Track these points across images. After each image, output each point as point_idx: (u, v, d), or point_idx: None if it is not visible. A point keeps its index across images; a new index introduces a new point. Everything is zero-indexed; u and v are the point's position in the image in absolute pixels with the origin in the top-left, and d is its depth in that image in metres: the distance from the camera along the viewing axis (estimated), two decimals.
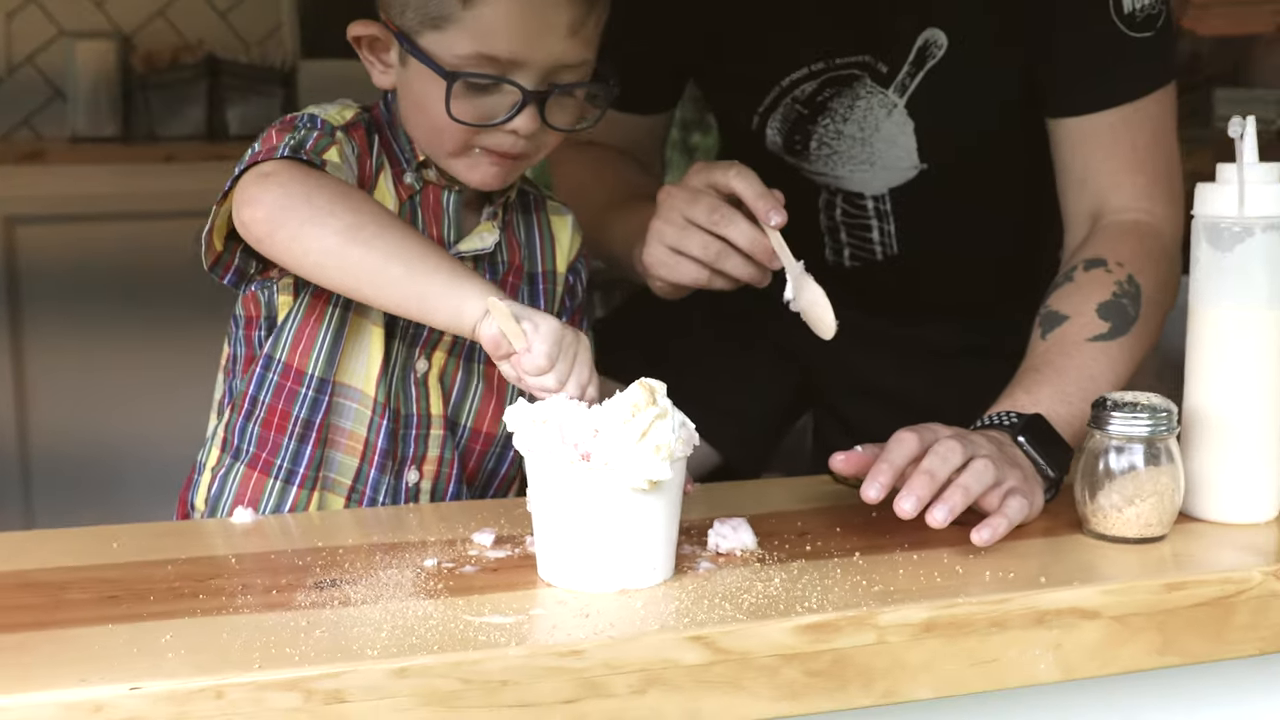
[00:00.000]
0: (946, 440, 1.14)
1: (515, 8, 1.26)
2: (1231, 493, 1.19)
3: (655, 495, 1.01)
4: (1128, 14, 1.44)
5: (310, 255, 1.19)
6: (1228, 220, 1.15)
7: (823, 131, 1.56)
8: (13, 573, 1.06)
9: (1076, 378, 1.32)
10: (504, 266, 1.43)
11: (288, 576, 1.06)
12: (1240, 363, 1.17)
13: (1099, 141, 1.47)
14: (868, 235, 1.63)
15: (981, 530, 1.11)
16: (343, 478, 1.36)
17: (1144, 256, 1.41)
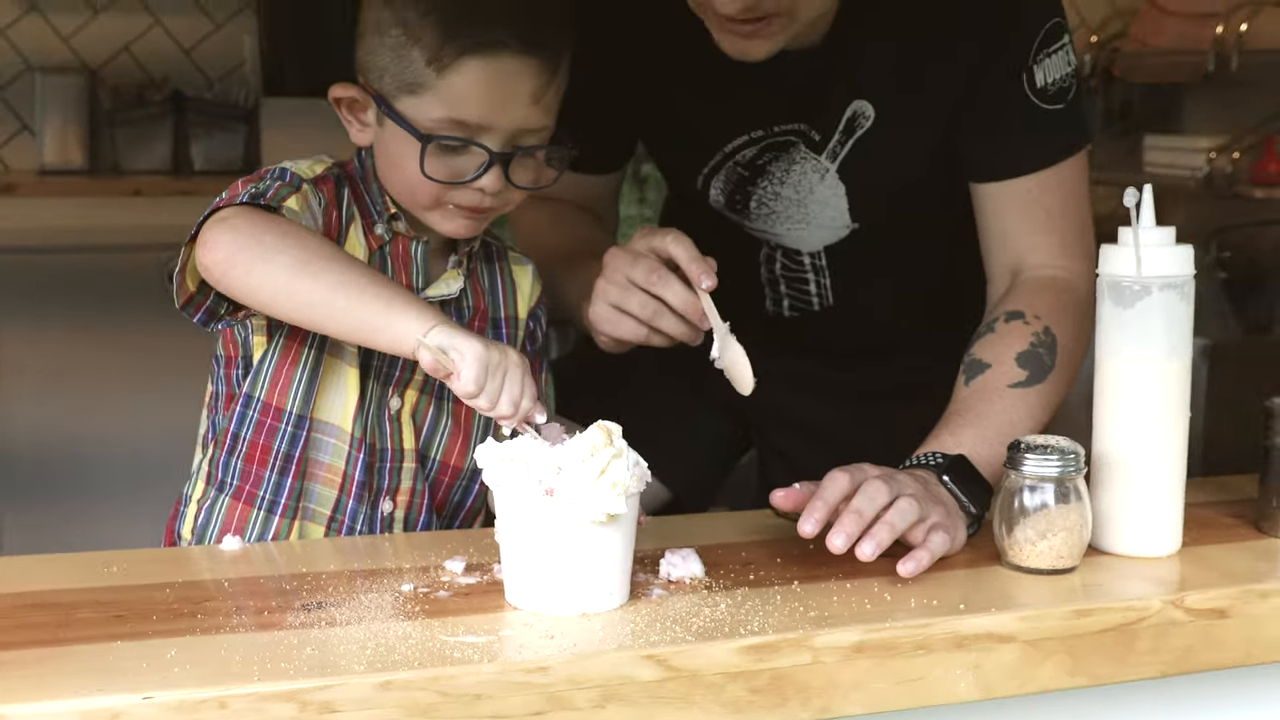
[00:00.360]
0: (874, 480, 1.25)
1: (483, 78, 1.38)
2: (1136, 528, 1.31)
3: (612, 527, 1.12)
4: (1040, 88, 1.54)
5: (264, 290, 1.28)
6: (1127, 279, 1.27)
7: (762, 193, 1.66)
8: (24, 594, 1.15)
9: (997, 422, 1.43)
10: (470, 311, 1.53)
11: (276, 599, 1.15)
12: (1142, 409, 1.29)
13: (1016, 205, 1.57)
14: (805, 288, 1.74)
15: (906, 562, 1.22)
16: (322, 508, 1.46)
17: (1059, 310, 1.52)
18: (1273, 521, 1.38)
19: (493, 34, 1.38)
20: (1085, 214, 1.61)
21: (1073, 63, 1.57)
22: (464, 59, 1.38)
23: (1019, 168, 1.57)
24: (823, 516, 1.22)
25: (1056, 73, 1.55)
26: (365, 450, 1.46)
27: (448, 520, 1.55)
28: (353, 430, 1.45)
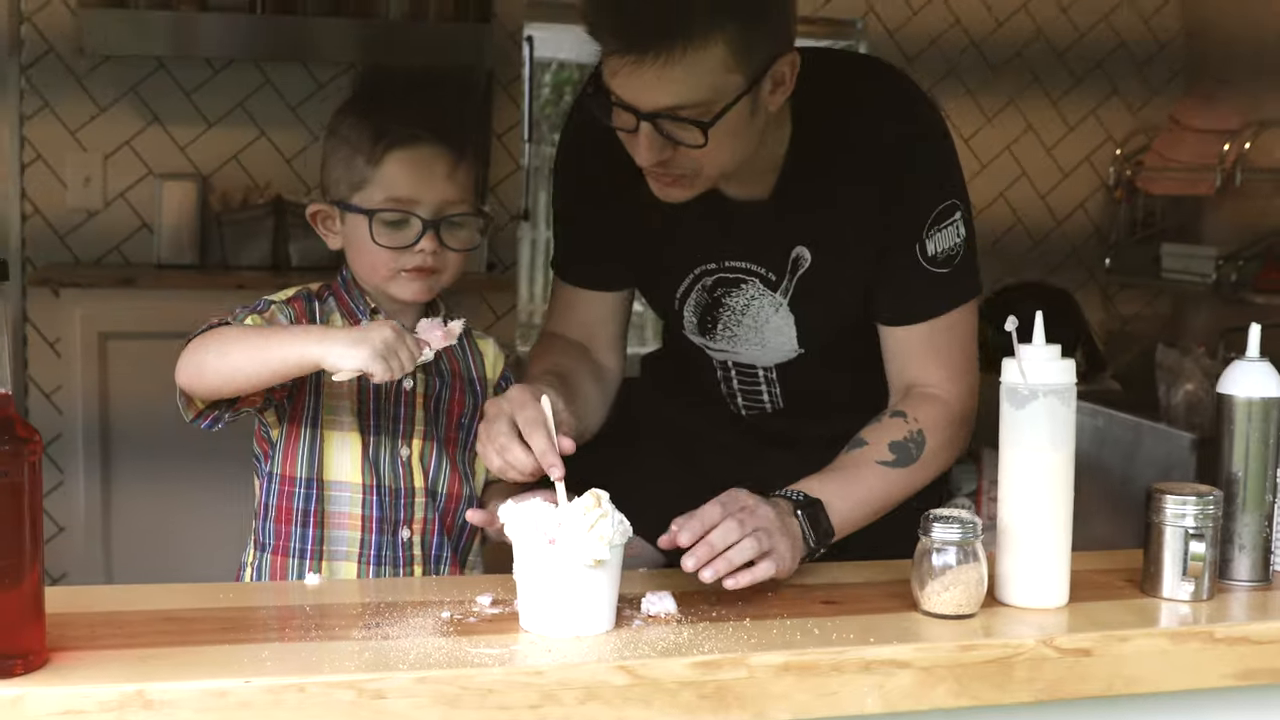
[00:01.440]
0: (729, 521, 1.59)
1: (408, 163, 1.85)
2: (1028, 584, 1.63)
3: (600, 570, 1.47)
4: (930, 256, 1.86)
5: (221, 379, 1.72)
6: (1019, 385, 1.61)
7: (726, 318, 1.99)
8: (160, 610, 1.53)
9: (857, 485, 1.78)
10: (448, 373, 1.98)
11: (345, 620, 1.52)
12: (1031, 489, 1.62)
13: (910, 344, 1.91)
14: (759, 396, 2.08)
15: (731, 579, 1.57)
16: (351, 548, 1.88)
17: (934, 421, 1.87)
18: (1153, 583, 1.69)
19: (410, 131, 1.85)
20: (970, 350, 1.94)
21: (962, 234, 1.88)
22: (391, 152, 1.84)
23: (911, 317, 1.91)
24: (698, 531, 1.58)
25: (946, 243, 1.87)
26: (379, 492, 1.88)
27: (456, 540, 1.95)
28: (363, 480, 1.88)
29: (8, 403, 1.32)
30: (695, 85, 1.65)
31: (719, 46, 1.63)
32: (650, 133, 1.69)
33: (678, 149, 1.71)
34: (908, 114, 1.89)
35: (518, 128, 4.10)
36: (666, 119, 1.68)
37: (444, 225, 1.86)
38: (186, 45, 3.76)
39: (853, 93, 1.89)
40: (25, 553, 1.32)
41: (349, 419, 1.89)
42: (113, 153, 3.85)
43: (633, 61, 1.63)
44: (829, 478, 1.78)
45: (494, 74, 4.00)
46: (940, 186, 1.88)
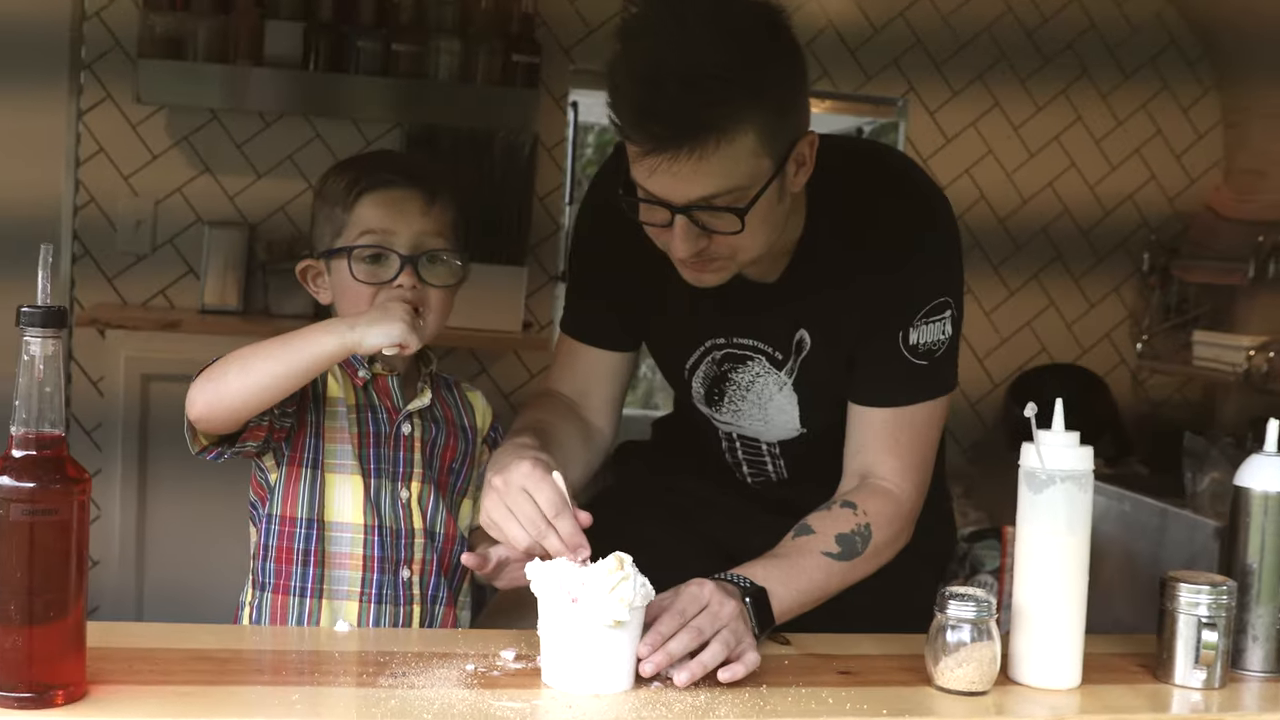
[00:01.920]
0: (690, 629, 1.58)
1: (380, 202, 1.94)
2: (1042, 664, 1.66)
3: (620, 630, 1.51)
4: (911, 345, 1.89)
5: (244, 389, 1.77)
6: (1037, 470, 1.65)
7: (732, 392, 2.03)
8: (191, 649, 1.57)
9: (800, 574, 1.78)
10: (442, 421, 2.05)
11: (373, 668, 1.56)
12: (1048, 570, 1.66)
13: (874, 427, 1.93)
14: (764, 466, 2.12)
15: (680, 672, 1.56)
16: (353, 587, 1.93)
17: (883, 517, 1.88)
18: (1166, 670, 1.72)
19: (382, 176, 1.95)
20: (929, 449, 1.96)
21: (949, 332, 1.91)
22: (364, 195, 1.94)
23: (879, 400, 1.93)
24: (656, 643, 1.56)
25: (930, 338, 1.90)
26: (380, 533, 1.93)
27: (452, 578, 2.01)
28: (365, 521, 1.93)
29: (61, 444, 1.38)
30: (729, 174, 1.68)
31: (749, 135, 1.67)
32: (686, 225, 1.73)
33: (713, 238, 1.75)
34: (915, 205, 1.93)
35: (559, 190, 4.17)
36: (702, 209, 1.71)
37: (422, 262, 1.93)
38: (240, 98, 3.83)
39: (865, 182, 1.93)
40: (70, 587, 1.37)
41: (351, 461, 1.94)
42: (164, 199, 3.92)
43: (668, 159, 1.65)
44: (773, 565, 1.78)
45: (539, 138, 4.07)
46: (939, 281, 1.91)
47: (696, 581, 1.67)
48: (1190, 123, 4.48)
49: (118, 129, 3.87)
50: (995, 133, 4.36)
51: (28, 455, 1.37)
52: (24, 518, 1.34)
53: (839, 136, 1.95)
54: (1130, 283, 4.50)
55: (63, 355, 1.39)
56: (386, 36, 3.84)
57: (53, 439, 1.38)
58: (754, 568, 1.77)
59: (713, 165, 1.66)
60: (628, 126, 1.69)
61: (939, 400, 1.95)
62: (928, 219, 1.93)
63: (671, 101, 1.63)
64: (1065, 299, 4.45)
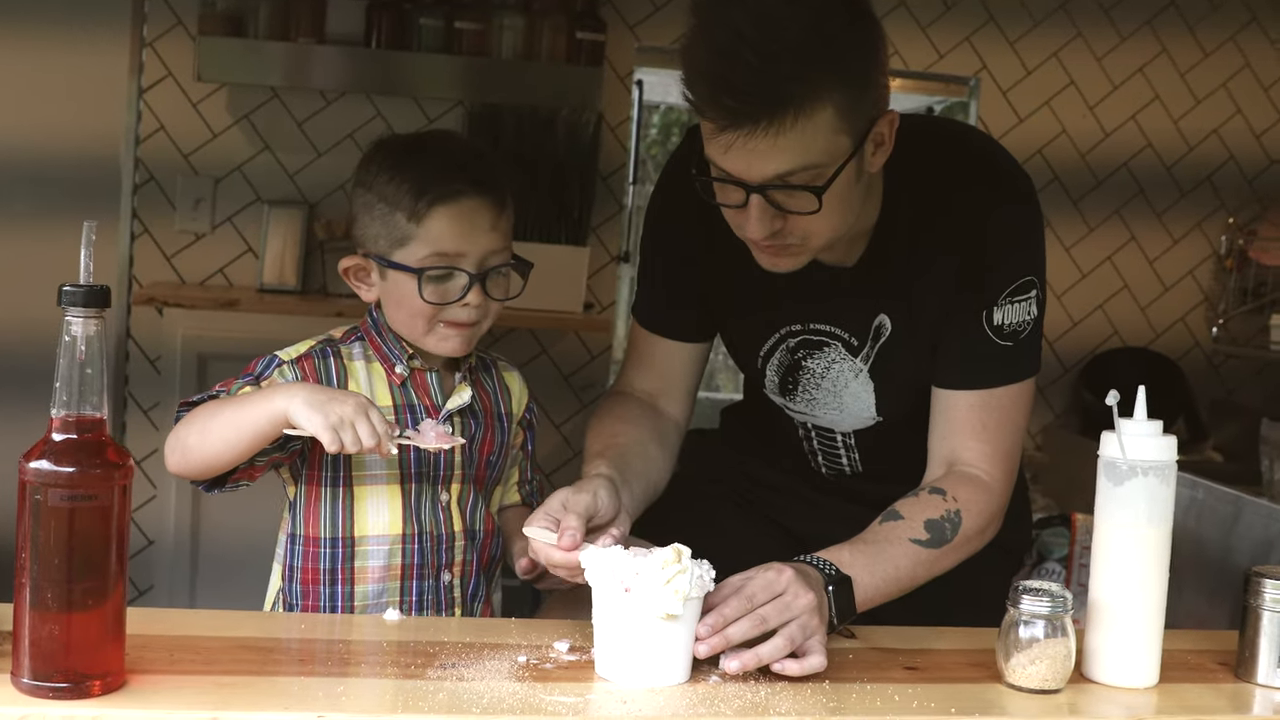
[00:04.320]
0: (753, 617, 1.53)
1: (452, 218, 1.85)
2: (1118, 662, 1.59)
3: (674, 623, 1.46)
4: (996, 326, 1.83)
5: (203, 454, 1.73)
6: (1118, 461, 1.57)
7: (805, 381, 1.98)
8: (235, 637, 1.53)
9: (886, 561, 1.72)
10: (481, 413, 1.97)
11: (422, 658, 1.51)
12: (1127, 564, 1.58)
13: (959, 411, 1.87)
14: (838, 459, 2.07)
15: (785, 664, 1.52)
16: (391, 598, 1.88)
17: (973, 503, 1.81)
18: (1247, 668, 1.65)
19: (453, 186, 1.84)
20: (1016, 433, 1.89)
21: (1034, 312, 1.85)
22: (435, 208, 1.84)
23: (964, 384, 1.87)
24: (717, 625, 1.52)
25: (1015, 317, 1.84)
26: (420, 540, 1.88)
27: (489, 574, 1.97)
28: (404, 531, 1.88)
29: (102, 427, 1.34)
30: (807, 150, 1.63)
31: (827, 110, 1.62)
32: (761, 205, 1.68)
33: (788, 219, 1.70)
34: (998, 183, 1.87)
35: (623, 169, 4.11)
36: (778, 188, 1.66)
37: (489, 277, 1.87)
38: (301, 76, 3.80)
39: (944, 161, 1.87)
40: (110, 574, 1.33)
41: (384, 471, 1.88)
42: (223, 177, 3.90)
43: (744, 134, 1.61)
44: (860, 551, 1.72)
45: (603, 116, 4.01)
46: (1023, 260, 1.85)
47: (775, 566, 1.60)
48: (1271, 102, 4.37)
49: (178, 107, 3.85)
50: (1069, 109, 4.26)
51: (68, 439, 1.33)
52: (63, 503, 1.30)
53: (915, 115, 1.89)
54: (1206, 265, 4.39)
55: (104, 336, 1.35)
56: (449, 13, 3.80)
57: (93, 422, 1.34)
58: (839, 552, 1.71)
59: (789, 141, 1.61)
60: (702, 101, 1.64)
61: (1025, 383, 1.89)
62: (1010, 197, 1.86)
63: (748, 75, 1.58)
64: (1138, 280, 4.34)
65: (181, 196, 3.87)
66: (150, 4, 3.80)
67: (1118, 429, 1.56)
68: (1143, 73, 4.29)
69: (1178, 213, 4.37)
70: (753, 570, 1.60)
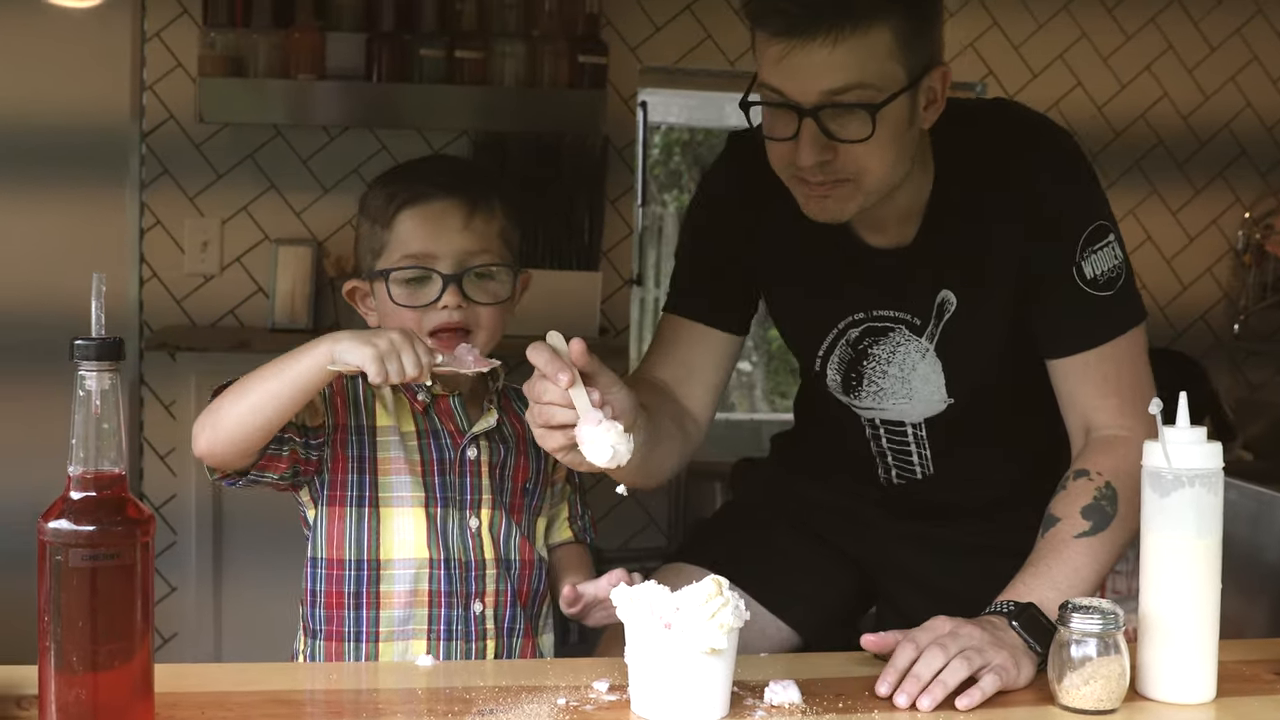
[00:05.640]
0: (933, 648, 1.53)
1: (418, 220, 1.82)
2: (1174, 678, 1.54)
3: (717, 658, 1.41)
4: (1089, 279, 1.81)
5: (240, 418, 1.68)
6: (1163, 470, 1.53)
7: (870, 371, 1.94)
8: (266, 691, 1.49)
9: (1064, 570, 1.70)
10: (513, 438, 1.93)
11: (458, 705, 1.47)
12: (1177, 578, 1.54)
13: (1077, 375, 1.84)
14: (909, 459, 2.01)
15: (962, 698, 1.50)
16: (419, 625, 1.82)
17: (1118, 465, 1.77)
18: None
19: (420, 189, 1.83)
20: (1142, 378, 1.85)
21: (1119, 255, 1.83)
22: (402, 210, 1.82)
23: (1076, 346, 1.83)
24: (894, 681, 1.53)
25: (1104, 265, 1.81)
26: (448, 566, 1.82)
27: (531, 608, 1.90)
28: (430, 555, 1.82)
29: (121, 483, 1.30)
30: (862, 68, 1.64)
31: (885, 32, 1.64)
32: (813, 131, 1.67)
33: (839, 150, 1.69)
34: (1046, 144, 1.85)
35: (631, 192, 4.08)
36: (831, 108, 1.66)
37: (467, 279, 1.82)
38: (303, 113, 3.80)
39: (989, 132, 1.86)
40: (136, 633, 1.29)
41: (409, 494, 1.84)
42: (230, 218, 3.89)
43: (801, 43, 1.62)
44: (1032, 574, 1.71)
45: (609, 139, 3.98)
46: (1088, 208, 1.83)
47: (939, 618, 1.61)
48: None
49: (181, 149, 3.83)
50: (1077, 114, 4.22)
51: (87, 496, 1.29)
52: (85, 563, 1.26)
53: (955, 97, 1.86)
54: (1224, 262, 4.35)
55: (119, 389, 1.31)
56: (450, 43, 3.78)
57: (112, 478, 1.30)
58: (1014, 587, 1.70)
59: (845, 54, 1.63)
60: (761, 8, 1.65)
61: (1136, 330, 1.86)
62: (1062, 153, 1.85)
63: None
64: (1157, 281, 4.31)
65: (189, 239, 3.85)
66: (149, 48, 3.78)
67: (1161, 438, 1.52)
68: (1150, 70, 4.26)
69: (1192, 210, 4.33)
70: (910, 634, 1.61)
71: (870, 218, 1.83)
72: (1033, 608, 1.64)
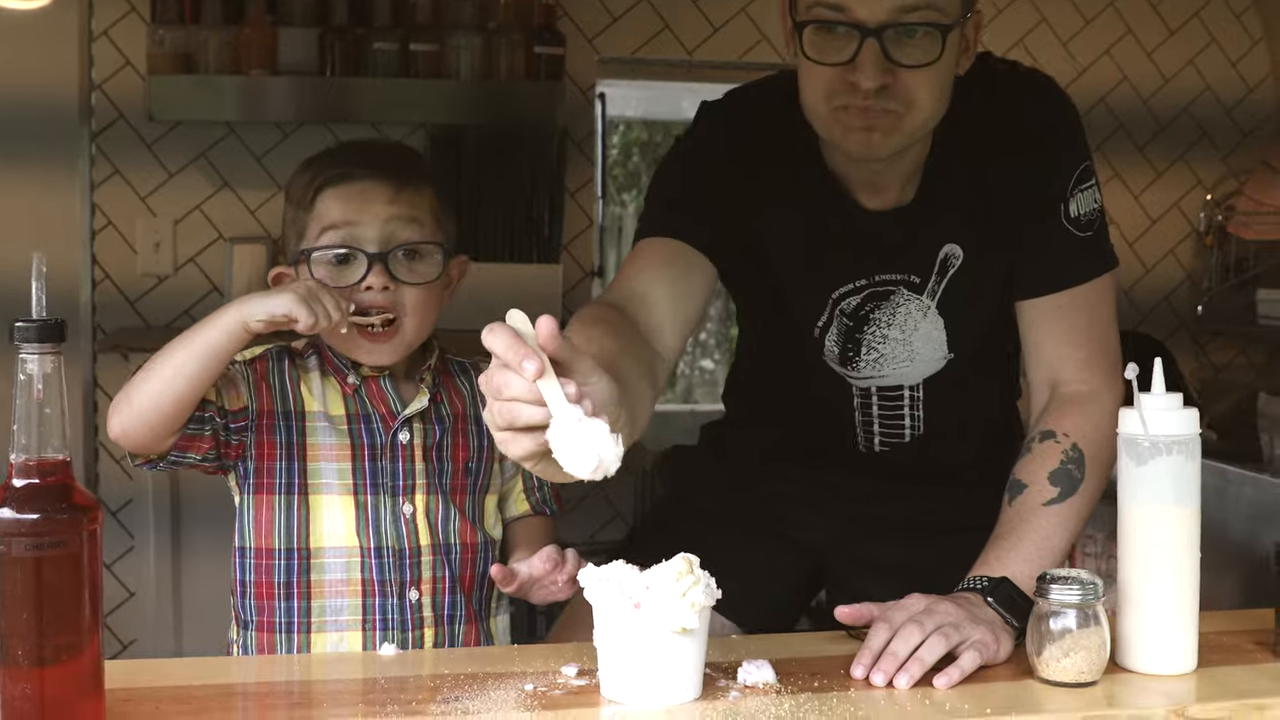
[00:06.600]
0: (908, 625, 1.50)
1: (337, 199, 1.78)
2: (1153, 649, 1.51)
3: (688, 638, 1.37)
4: (1073, 218, 1.80)
5: (151, 395, 1.65)
6: (1140, 437, 1.50)
7: (870, 338, 1.89)
8: (225, 684, 1.44)
9: (1035, 539, 1.67)
10: (450, 417, 1.86)
11: (423, 694, 1.42)
12: (1156, 547, 1.51)
13: (1050, 318, 1.82)
14: (899, 422, 1.97)
15: (940, 677, 1.47)
16: (353, 615, 1.77)
17: (1084, 425, 1.75)
18: None
19: (339, 169, 1.79)
20: (1109, 332, 1.84)
21: (1099, 200, 1.83)
22: (323, 191, 1.78)
23: (1055, 284, 1.81)
24: (869, 663, 1.50)
25: (1086, 207, 1.81)
26: (379, 554, 1.77)
27: (478, 590, 1.85)
28: (360, 544, 1.77)
29: (66, 470, 1.25)
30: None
31: None
32: (875, 52, 1.63)
33: (898, 76, 1.65)
34: (1040, 89, 1.87)
35: (590, 185, 4.04)
36: (895, 30, 1.62)
37: (395, 258, 1.77)
38: (256, 110, 3.73)
39: (983, 83, 1.82)
40: (84, 626, 1.24)
41: (337, 481, 1.79)
42: (183, 218, 3.81)
43: None
44: (1003, 547, 1.67)
45: (567, 132, 3.94)
46: (1079, 149, 1.85)
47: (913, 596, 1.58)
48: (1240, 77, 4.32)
49: (132, 149, 3.76)
50: None
51: (30, 484, 1.24)
52: (28, 553, 1.21)
53: None
54: (1186, 244, 4.34)
55: (62, 373, 1.26)
56: (404, 36, 3.72)
57: (56, 465, 1.25)
58: (985, 561, 1.66)
59: None
60: None
61: (1109, 277, 1.85)
62: (1052, 94, 1.87)
63: None
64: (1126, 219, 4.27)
65: (141, 239, 3.78)
66: (96, 46, 3.71)
67: (1138, 404, 1.49)
68: (1109, 54, 4.24)
69: (1154, 192, 4.32)
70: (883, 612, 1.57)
71: (874, 178, 1.80)
72: (1007, 582, 1.61)
